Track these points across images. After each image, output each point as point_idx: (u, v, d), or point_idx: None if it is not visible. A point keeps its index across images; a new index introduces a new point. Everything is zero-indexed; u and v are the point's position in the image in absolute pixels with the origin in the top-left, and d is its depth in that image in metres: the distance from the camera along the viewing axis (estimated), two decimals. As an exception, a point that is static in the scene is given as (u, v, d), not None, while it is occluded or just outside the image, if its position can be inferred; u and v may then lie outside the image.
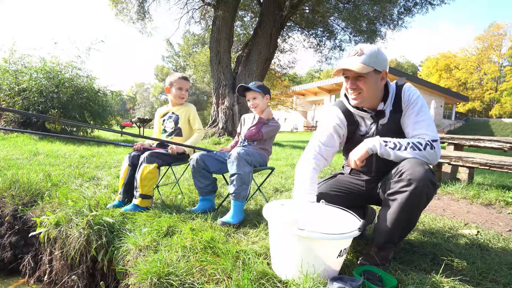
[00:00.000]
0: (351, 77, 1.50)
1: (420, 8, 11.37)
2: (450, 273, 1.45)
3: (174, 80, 2.63)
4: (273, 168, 2.57)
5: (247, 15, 15.10)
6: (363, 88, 1.48)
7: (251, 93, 2.46)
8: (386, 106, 1.55)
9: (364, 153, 1.48)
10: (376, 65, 1.44)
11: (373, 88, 1.49)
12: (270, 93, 2.53)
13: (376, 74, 1.47)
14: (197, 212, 2.30)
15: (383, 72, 1.49)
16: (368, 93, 1.49)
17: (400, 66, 63.60)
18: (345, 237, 1.27)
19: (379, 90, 1.53)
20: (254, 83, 2.48)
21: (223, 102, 10.93)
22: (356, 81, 1.48)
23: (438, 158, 1.45)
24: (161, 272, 1.44)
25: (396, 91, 1.56)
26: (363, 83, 1.47)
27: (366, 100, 1.53)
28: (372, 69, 1.43)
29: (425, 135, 1.46)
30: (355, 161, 1.50)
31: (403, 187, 1.39)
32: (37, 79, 8.45)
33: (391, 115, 1.56)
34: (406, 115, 1.53)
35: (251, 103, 2.48)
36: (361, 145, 1.52)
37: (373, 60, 1.43)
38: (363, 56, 1.43)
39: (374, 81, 1.47)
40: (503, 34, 45.38)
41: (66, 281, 2.15)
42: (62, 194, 2.61)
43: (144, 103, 69.67)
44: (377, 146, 1.47)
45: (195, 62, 25.02)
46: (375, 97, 1.54)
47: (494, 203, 3.10)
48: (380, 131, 1.59)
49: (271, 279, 1.35)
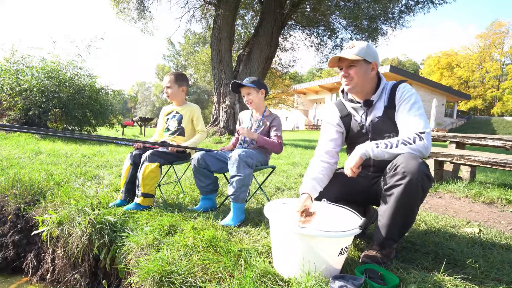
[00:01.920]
0: (344, 67, 1.68)
1: (422, 7, 11.31)
2: (452, 271, 1.45)
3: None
4: (274, 167, 2.57)
5: (248, 14, 15.09)
6: (354, 76, 1.66)
7: (245, 89, 2.40)
8: (376, 97, 1.70)
9: (358, 160, 1.51)
10: (366, 56, 1.62)
11: (363, 76, 1.66)
12: (265, 87, 2.48)
13: (366, 64, 1.65)
14: (199, 211, 2.31)
15: (373, 63, 1.66)
16: (358, 80, 1.66)
17: (402, 64, 63.42)
18: (346, 235, 1.27)
19: (369, 79, 1.69)
20: (248, 79, 2.42)
21: (224, 101, 10.92)
22: (348, 69, 1.67)
23: (429, 148, 1.50)
24: (163, 270, 1.44)
25: (392, 88, 1.69)
26: (354, 71, 1.65)
27: (357, 86, 1.68)
28: (362, 59, 1.62)
29: (414, 128, 1.53)
30: (351, 168, 1.52)
31: (398, 181, 1.42)
32: (38, 79, 8.47)
33: (386, 110, 1.67)
34: (399, 110, 1.63)
35: (246, 99, 2.43)
36: (354, 153, 1.56)
37: (363, 52, 1.62)
38: (354, 48, 1.64)
39: (364, 70, 1.65)
40: (505, 32, 45.15)
41: (69, 279, 2.16)
42: (64, 193, 2.61)
43: (145, 102, 69.75)
44: (369, 150, 1.50)
45: (196, 61, 25.02)
46: (365, 85, 1.69)
47: (496, 201, 3.09)
48: (376, 124, 1.69)
49: (273, 277, 1.35)
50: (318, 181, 1.64)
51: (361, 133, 1.75)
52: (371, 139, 1.72)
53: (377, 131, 1.70)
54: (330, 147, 1.77)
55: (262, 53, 11.15)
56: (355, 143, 1.75)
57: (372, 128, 1.71)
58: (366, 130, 1.73)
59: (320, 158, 1.75)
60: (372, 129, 1.71)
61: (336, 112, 1.84)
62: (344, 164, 1.61)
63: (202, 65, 24.13)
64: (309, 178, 1.65)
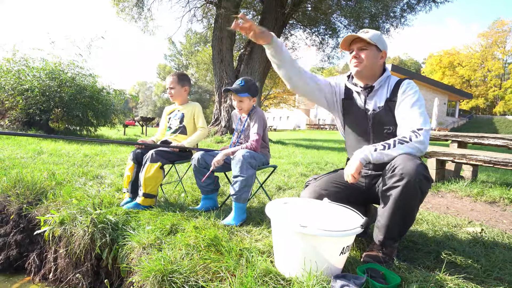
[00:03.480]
0: (356, 49, 1.70)
1: (423, 6, 11.27)
2: (454, 271, 1.45)
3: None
4: (276, 166, 2.57)
5: (249, 13, 15.04)
6: (364, 58, 1.68)
7: (238, 96, 2.31)
8: (377, 84, 1.72)
9: (358, 165, 1.50)
10: (378, 42, 1.67)
11: (372, 61, 1.69)
12: (258, 92, 2.41)
13: (377, 50, 1.69)
14: (200, 210, 2.31)
15: (383, 52, 1.71)
16: (368, 63, 1.68)
17: (403, 63, 63.24)
18: (348, 234, 1.27)
19: (377, 66, 1.72)
20: (242, 83, 2.31)
21: (225, 100, 10.93)
22: (359, 51, 1.69)
23: (426, 144, 1.50)
24: (165, 270, 1.44)
25: (396, 83, 1.71)
26: (365, 54, 1.68)
27: (365, 69, 1.70)
28: (374, 44, 1.66)
29: (413, 124, 1.53)
30: (352, 175, 1.50)
31: (396, 182, 1.41)
32: (39, 79, 8.49)
33: (387, 102, 1.69)
34: (400, 104, 1.64)
35: (236, 105, 2.35)
36: (353, 159, 1.54)
37: (376, 37, 1.67)
38: (369, 33, 1.68)
39: (374, 55, 1.69)
40: (507, 30, 44.97)
41: (71, 278, 2.17)
42: (66, 192, 2.62)
43: (146, 102, 69.88)
44: (369, 154, 1.50)
45: (197, 61, 25.04)
46: (372, 70, 1.72)
47: (498, 200, 3.08)
48: (378, 114, 1.71)
49: (274, 276, 1.35)
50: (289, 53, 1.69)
51: (361, 116, 1.76)
52: (371, 125, 1.73)
53: (378, 122, 1.71)
54: (317, 78, 1.81)
55: (263, 53, 11.08)
56: (354, 125, 1.80)
57: (373, 119, 1.72)
58: (368, 117, 1.73)
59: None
60: (373, 119, 1.72)
61: (341, 88, 1.86)
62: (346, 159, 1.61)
63: (203, 65, 24.15)
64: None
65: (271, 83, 22.49)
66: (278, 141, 12.03)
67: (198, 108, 2.72)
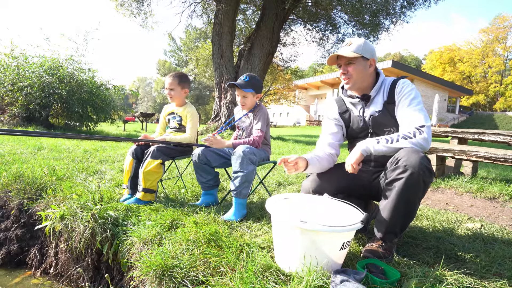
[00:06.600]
0: (343, 64, 1.71)
1: (423, 2, 11.21)
2: (454, 266, 1.45)
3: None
4: (276, 162, 2.56)
5: (249, 9, 14.97)
6: (352, 73, 1.69)
7: (242, 91, 2.30)
8: (374, 91, 1.72)
9: (359, 156, 1.53)
10: (363, 52, 1.66)
11: (362, 73, 1.69)
12: (262, 90, 2.40)
13: (364, 60, 1.68)
14: (201, 206, 2.31)
15: (371, 59, 1.70)
16: (357, 77, 1.69)
17: (404, 59, 63.03)
18: (348, 229, 1.27)
19: (368, 76, 1.72)
20: (247, 79, 2.29)
21: (225, 96, 10.90)
22: (347, 67, 1.70)
23: (430, 141, 1.51)
24: (165, 265, 1.45)
25: (392, 84, 1.70)
26: (352, 68, 1.68)
27: (357, 83, 1.71)
28: (359, 55, 1.65)
29: (414, 122, 1.54)
30: (352, 165, 1.53)
31: (400, 174, 1.42)
32: (39, 75, 8.46)
33: (385, 105, 1.69)
34: (399, 106, 1.65)
35: (240, 100, 2.34)
36: (355, 149, 1.57)
37: (360, 49, 1.66)
38: (352, 46, 1.67)
39: (362, 67, 1.68)
40: (509, 26, 44.71)
41: (72, 273, 2.18)
42: (67, 188, 2.63)
43: (146, 97, 69.70)
44: (370, 146, 1.52)
45: (197, 56, 24.88)
46: (364, 81, 1.72)
47: (498, 197, 3.09)
48: (376, 118, 1.70)
49: (274, 272, 1.36)
50: (318, 157, 1.70)
51: (361, 127, 1.76)
52: (371, 133, 1.73)
53: (378, 126, 1.71)
54: (331, 139, 1.83)
55: (263, 48, 11.09)
56: (356, 138, 1.78)
57: (372, 123, 1.72)
58: (366, 125, 1.74)
59: (321, 148, 1.80)
60: (373, 124, 1.72)
61: (335, 107, 1.89)
62: (345, 160, 1.61)
63: (203, 60, 24.00)
64: (310, 153, 1.73)
65: (271, 79, 22.40)
66: (278, 137, 12.02)
67: (191, 112, 2.66)
